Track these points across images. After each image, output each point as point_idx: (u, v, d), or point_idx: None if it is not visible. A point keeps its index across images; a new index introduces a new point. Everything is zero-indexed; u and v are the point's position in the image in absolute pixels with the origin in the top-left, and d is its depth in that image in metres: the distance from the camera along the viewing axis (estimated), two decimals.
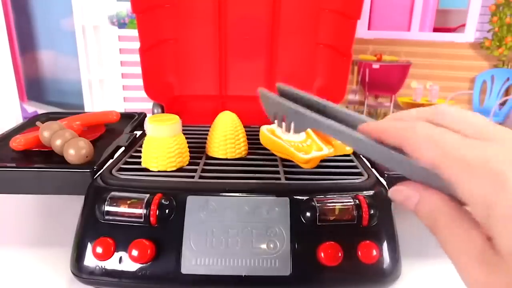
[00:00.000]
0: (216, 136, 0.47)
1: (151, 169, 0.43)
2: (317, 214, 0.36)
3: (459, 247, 0.19)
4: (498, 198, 0.17)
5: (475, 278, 0.18)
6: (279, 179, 0.41)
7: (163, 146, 0.42)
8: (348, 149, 0.48)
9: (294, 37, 0.65)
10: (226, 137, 0.47)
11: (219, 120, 0.48)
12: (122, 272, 0.35)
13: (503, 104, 0.94)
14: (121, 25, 0.88)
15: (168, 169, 0.42)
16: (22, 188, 0.43)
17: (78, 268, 0.36)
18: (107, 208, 0.36)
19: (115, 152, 0.48)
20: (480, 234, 0.18)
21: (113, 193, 0.37)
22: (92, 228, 0.37)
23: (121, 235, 0.36)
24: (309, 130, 0.39)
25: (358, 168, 0.44)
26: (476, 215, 0.18)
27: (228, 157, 0.47)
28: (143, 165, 0.43)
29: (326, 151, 0.45)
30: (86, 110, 1.02)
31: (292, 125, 0.32)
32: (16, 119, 0.97)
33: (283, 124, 0.32)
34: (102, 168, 0.43)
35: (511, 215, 0.16)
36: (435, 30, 0.97)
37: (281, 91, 0.33)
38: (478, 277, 0.18)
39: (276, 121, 0.33)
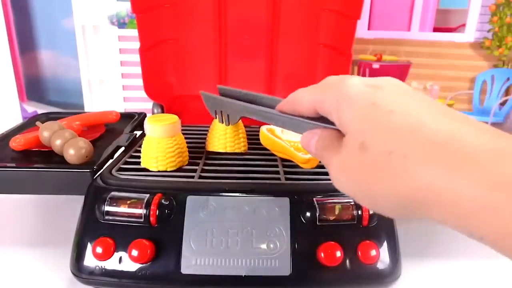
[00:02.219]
0: (217, 130, 0.48)
1: (151, 169, 0.42)
2: (317, 214, 0.36)
3: (327, 155, 0.23)
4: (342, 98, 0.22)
5: (332, 175, 0.23)
6: (279, 179, 0.41)
7: (162, 146, 0.42)
8: None
9: (294, 37, 0.65)
10: (226, 131, 0.47)
11: None
12: (122, 272, 0.35)
13: (503, 104, 0.94)
14: (121, 25, 0.88)
15: (168, 169, 0.42)
16: (22, 188, 0.43)
17: (78, 268, 0.36)
18: (107, 208, 0.36)
19: (115, 152, 0.48)
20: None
21: (113, 193, 0.37)
22: (92, 228, 0.37)
23: (121, 235, 0.36)
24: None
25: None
26: (332, 115, 0.23)
27: (228, 151, 0.48)
28: (143, 165, 0.43)
29: None
30: (86, 110, 1.02)
31: (227, 116, 0.39)
32: (16, 119, 0.97)
33: (222, 117, 0.40)
34: (102, 168, 0.43)
35: (348, 100, 0.21)
36: (435, 30, 0.97)
37: (222, 91, 0.40)
38: (334, 173, 0.23)
39: (216, 116, 0.41)
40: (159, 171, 0.42)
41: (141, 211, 0.36)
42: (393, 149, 0.19)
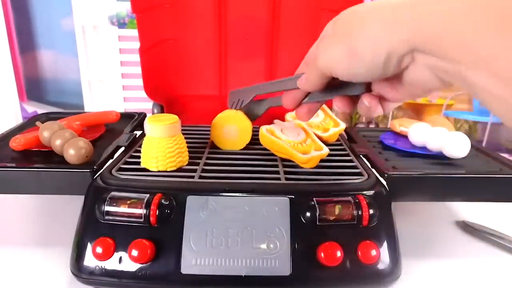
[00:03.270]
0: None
1: (151, 169, 0.42)
2: (317, 214, 0.36)
3: (314, 54, 0.33)
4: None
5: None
6: (279, 179, 0.41)
7: (162, 146, 0.42)
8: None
9: (294, 37, 0.65)
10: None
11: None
12: (122, 272, 0.35)
13: None
14: (121, 25, 0.88)
15: (168, 169, 0.42)
16: (22, 188, 0.43)
17: (78, 268, 0.36)
18: (107, 208, 0.36)
19: (115, 152, 0.48)
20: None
21: (113, 193, 0.37)
22: (92, 228, 0.37)
23: (121, 235, 0.36)
24: (305, 126, 0.52)
25: (358, 168, 0.44)
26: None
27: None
28: (143, 165, 0.43)
29: (326, 150, 0.45)
30: (86, 110, 1.02)
31: (243, 101, 0.46)
32: (16, 119, 0.97)
33: (241, 105, 0.46)
34: (102, 168, 0.43)
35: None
36: None
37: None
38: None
39: (234, 106, 0.47)
40: (159, 171, 0.42)
41: (141, 211, 0.36)
42: (356, 9, 0.27)
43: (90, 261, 0.36)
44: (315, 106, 0.37)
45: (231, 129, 0.50)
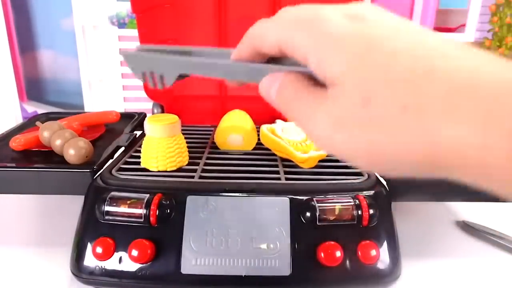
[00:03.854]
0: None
1: (151, 169, 0.42)
2: (317, 214, 0.36)
3: (302, 107, 0.19)
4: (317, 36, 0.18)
5: (317, 129, 0.18)
6: (279, 179, 0.41)
7: (162, 146, 0.42)
8: None
9: None
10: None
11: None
12: (122, 272, 0.35)
13: None
14: (121, 25, 0.88)
15: (168, 169, 0.42)
16: (22, 188, 0.43)
17: (78, 268, 0.36)
18: (107, 208, 0.36)
19: (115, 152, 0.48)
20: (320, 88, 0.19)
21: (113, 193, 0.37)
22: (92, 228, 0.37)
23: (121, 235, 0.36)
24: None
25: (358, 168, 0.44)
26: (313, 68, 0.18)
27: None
28: (143, 165, 0.43)
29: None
30: (86, 110, 1.02)
31: (160, 76, 0.29)
32: (16, 119, 0.97)
33: (154, 80, 0.29)
34: (102, 168, 0.43)
35: (332, 40, 0.17)
36: (435, 30, 0.97)
37: (142, 49, 0.30)
38: (319, 126, 0.18)
39: (145, 79, 0.30)
40: (159, 171, 0.42)
41: (141, 211, 0.36)
42: (407, 103, 0.15)
43: (90, 261, 0.36)
44: None
45: (236, 138, 0.49)
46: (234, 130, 0.49)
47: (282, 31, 0.19)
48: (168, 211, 0.37)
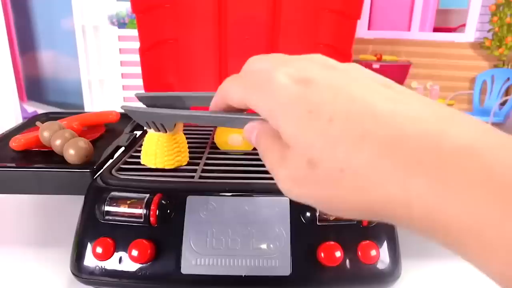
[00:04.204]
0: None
1: (149, 165, 0.43)
2: (317, 214, 0.36)
3: (271, 160, 0.21)
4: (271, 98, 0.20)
5: (278, 176, 0.21)
6: None
7: (162, 143, 0.42)
8: None
9: (294, 37, 0.65)
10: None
11: None
12: (122, 272, 0.35)
13: (503, 104, 0.94)
14: (121, 25, 0.88)
15: (166, 167, 0.42)
16: (22, 188, 0.43)
17: (78, 268, 0.36)
18: (107, 208, 0.36)
19: (115, 152, 0.48)
20: (281, 144, 0.21)
21: (113, 193, 0.37)
22: (92, 228, 0.37)
23: (121, 235, 0.36)
24: None
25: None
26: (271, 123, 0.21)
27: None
28: (142, 162, 0.43)
29: None
30: (86, 110, 1.02)
31: (161, 125, 0.37)
32: (16, 119, 0.97)
33: (157, 127, 0.37)
34: (102, 168, 0.43)
35: (287, 103, 0.19)
36: (435, 30, 0.97)
37: (144, 100, 0.37)
38: (280, 173, 0.21)
39: (150, 127, 0.38)
40: (159, 171, 0.42)
41: (141, 211, 0.36)
42: (343, 166, 0.17)
43: (90, 261, 0.36)
44: None
45: (236, 138, 0.49)
46: (234, 130, 0.49)
47: (242, 92, 0.22)
48: (168, 211, 0.37)
